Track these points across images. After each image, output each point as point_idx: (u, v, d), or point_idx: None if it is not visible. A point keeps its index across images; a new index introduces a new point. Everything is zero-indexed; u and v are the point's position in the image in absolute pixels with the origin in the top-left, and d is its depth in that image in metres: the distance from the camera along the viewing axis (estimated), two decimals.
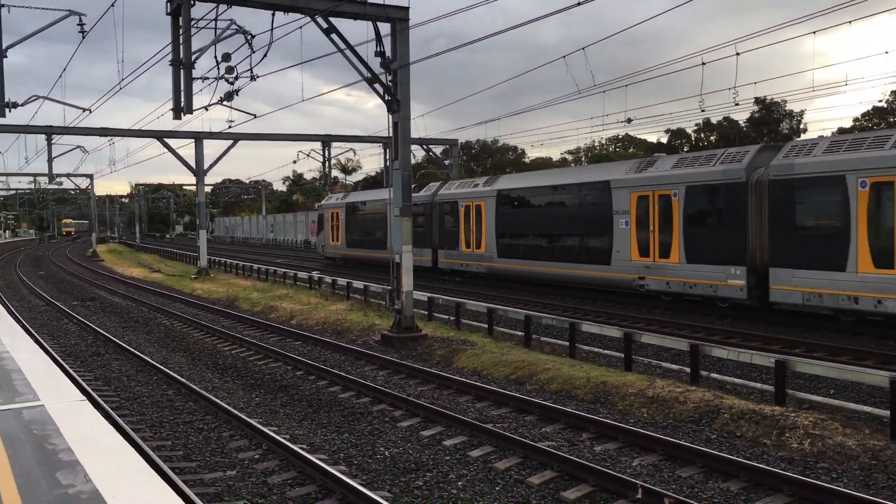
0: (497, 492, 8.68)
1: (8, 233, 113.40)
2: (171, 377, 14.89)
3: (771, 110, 65.67)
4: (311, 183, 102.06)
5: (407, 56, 17.89)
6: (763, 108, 64.42)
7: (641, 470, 9.19)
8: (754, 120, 66.88)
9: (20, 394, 8.63)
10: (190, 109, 16.24)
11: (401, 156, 18.22)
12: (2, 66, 18.48)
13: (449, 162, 50.80)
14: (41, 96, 24.72)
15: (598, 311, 22.21)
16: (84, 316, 25.24)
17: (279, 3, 16.49)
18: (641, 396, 12.08)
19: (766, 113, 65.88)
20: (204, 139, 39.79)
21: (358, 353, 17.02)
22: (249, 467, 9.70)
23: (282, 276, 34.65)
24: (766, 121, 66.51)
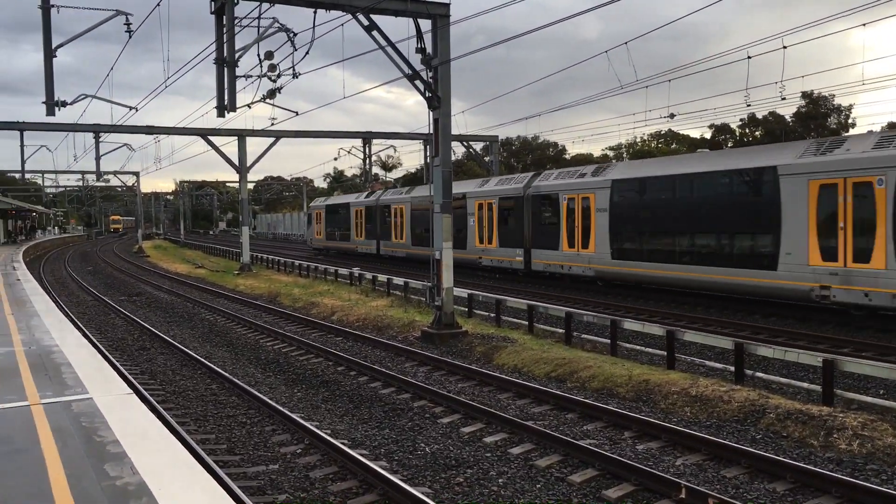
0: (538, 489, 8.64)
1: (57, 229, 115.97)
2: (215, 371, 15.10)
3: (818, 105, 64.29)
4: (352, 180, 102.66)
5: (447, 52, 17.87)
6: (810, 102, 63.09)
7: (685, 469, 9.07)
8: (801, 115, 65.56)
9: (69, 387, 8.82)
10: (233, 107, 16.42)
11: (441, 152, 18.22)
12: (52, 66, 18.92)
13: (489, 158, 50.71)
14: (89, 95, 25.23)
15: (639, 309, 21.98)
16: (130, 311, 25.71)
17: (321, 1, 16.60)
18: (684, 395, 11.92)
19: (814, 107, 64.51)
20: (247, 137, 40.27)
21: (398, 349, 17.08)
22: (292, 461, 9.79)
23: (323, 272, 34.92)
24: (814, 115, 65.14)
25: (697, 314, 20.83)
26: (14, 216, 75.62)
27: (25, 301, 18.44)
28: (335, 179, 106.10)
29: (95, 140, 39.78)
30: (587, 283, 27.63)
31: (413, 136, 46.51)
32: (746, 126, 72.51)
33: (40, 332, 13.30)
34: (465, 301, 21.79)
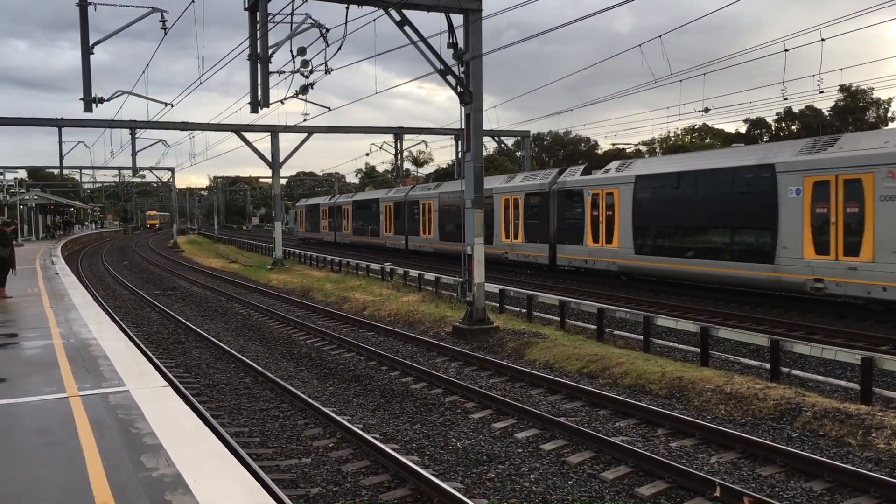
0: (570, 486, 8.59)
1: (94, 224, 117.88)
2: (249, 365, 15.24)
3: (857, 98, 63.13)
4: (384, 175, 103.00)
5: (479, 47, 17.82)
6: (848, 95, 61.97)
7: (719, 467, 8.97)
8: (839, 108, 64.42)
9: (106, 379, 8.96)
10: (267, 103, 16.54)
11: (473, 147, 18.19)
12: (89, 63, 19.21)
13: (521, 154, 50.54)
14: (125, 91, 25.58)
15: (672, 305, 21.77)
16: (166, 305, 26.06)
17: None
18: (719, 393, 11.79)
19: (852, 101, 63.35)
20: (279, 132, 40.56)
21: (430, 344, 17.10)
22: (324, 455, 9.85)
23: (354, 267, 35.08)
24: (852, 109, 63.97)
25: (732, 311, 20.58)
26: (52, 211, 77.00)
27: (64, 294, 18.77)
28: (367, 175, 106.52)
29: (131, 136, 40.33)
30: (610, 277, 27.96)
31: (444, 131, 46.48)
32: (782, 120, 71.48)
33: (78, 325, 13.53)
34: (497, 297, 21.75)
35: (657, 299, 23.17)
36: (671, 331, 16.89)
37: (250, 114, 17.60)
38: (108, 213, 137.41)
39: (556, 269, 30.76)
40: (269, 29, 16.53)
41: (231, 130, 40.07)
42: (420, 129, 48.72)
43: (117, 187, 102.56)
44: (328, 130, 42.85)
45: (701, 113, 28.71)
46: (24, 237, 57.38)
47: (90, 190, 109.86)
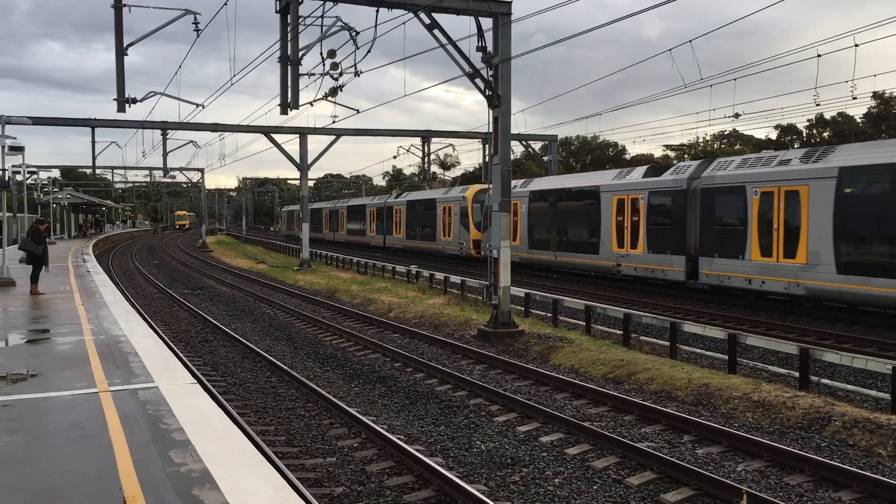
0: (594, 491, 8.56)
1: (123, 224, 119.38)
2: (275, 365, 15.35)
3: (890, 105, 62.17)
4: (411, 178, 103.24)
5: (508, 51, 17.83)
6: (881, 102, 61.06)
7: (746, 475, 8.88)
8: (871, 115, 63.50)
9: (136, 375, 9.09)
10: (296, 105, 16.68)
11: (501, 150, 18.19)
12: (123, 64, 19.50)
13: (548, 158, 50.43)
14: (158, 92, 25.92)
15: (699, 312, 21.59)
16: (194, 304, 26.32)
17: (384, 0, 16.73)
18: (746, 400, 11.67)
19: (885, 108, 62.41)
20: (308, 135, 40.82)
21: (455, 346, 17.11)
22: (349, 455, 9.90)
23: (380, 269, 35.19)
24: (885, 116, 63.01)
25: (760, 318, 20.37)
26: (85, 210, 78.10)
27: (95, 292, 19.04)
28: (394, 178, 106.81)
29: (163, 137, 40.83)
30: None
31: (472, 134, 46.52)
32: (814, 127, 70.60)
33: (109, 322, 13.72)
34: (522, 300, 21.72)
35: (684, 306, 22.98)
36: (698, 337, 16.76)
37: (280, 115, 17.83)
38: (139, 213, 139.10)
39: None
40: (300, 31, 16.67)
41: (260, 132, 40.43)
42: (447, 133, 48.79)
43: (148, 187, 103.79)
44: (356, 133, 43.08)
45: (731, 118, 28.45)
46: (56, 235, 58.26)
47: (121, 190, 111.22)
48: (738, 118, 28.56)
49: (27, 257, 19.11)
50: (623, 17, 14.42)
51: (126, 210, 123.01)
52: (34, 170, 49.99)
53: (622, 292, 26.41)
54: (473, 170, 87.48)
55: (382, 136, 46.32)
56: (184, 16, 19.26)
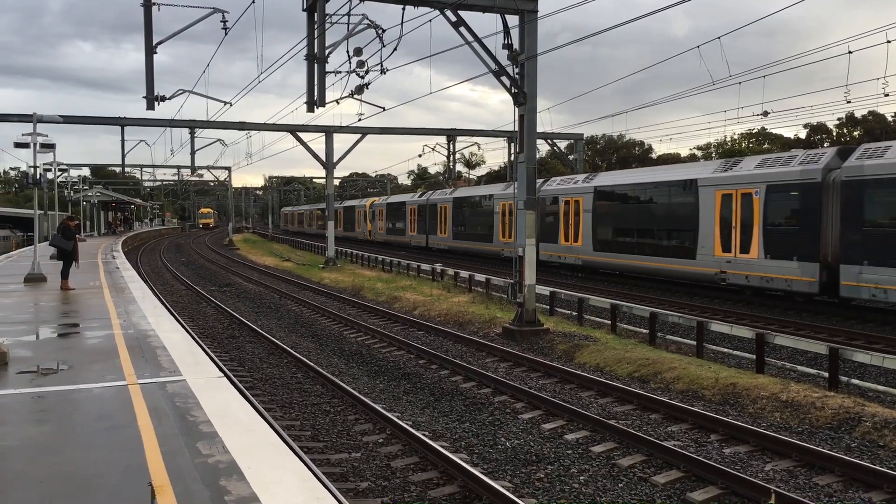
0: (620, 489, 8.51)
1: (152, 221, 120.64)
2: (301, 361, 15.44)
3: None
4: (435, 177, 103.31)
5: (534, 48, 17.78)
6: None
7: (774, 475, 8.78)
8: None
9: (164, 368, 9.18)
10: (323, 102, 16.75)
11: (526, 148, 18.14)
12: (152, 62, 19.71)
13: (574, 157, 50.23)
14: (186, 90, 26.18)
15: (725, 311, 21.39)
16: (221, 300, 26.55)
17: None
18: (774, 400, 11.54)
19: None
20: (334, 133, 41.00)
21: (479, 344, 17.10)
22: (374, 451, 9.93)
23: (405, 267, 35.25)
24: None
25: (789, 318, 20.13)
26: (114, 208, 79.06)
27: (124, 288, 19.26)
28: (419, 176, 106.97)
29: (191, 135, 41.20)
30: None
31: (497, 133, 46.46)
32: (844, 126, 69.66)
33: (137, 316, 13.87)
34: (547, 299, 21.65)
35: (711, 305, 22.77)
36: (725, 336, 16.62)
37: (306, 113, 17.88)
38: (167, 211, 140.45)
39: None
40: (327, 29, 16.74)
41: (287, 130, 40.67)
42: (473, 131, 48.78)
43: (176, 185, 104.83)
44: (382, 131, 43.18)
45: (760, 116, 28.15)
46: (86, 233, 59.04)
47: (150, 188, 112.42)
48: (767, 116, 28.25)
49: (57, 253, 19.37)
50: (649, 14, 14.32)
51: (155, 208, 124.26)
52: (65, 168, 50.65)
53: (648, 291, 26.21)
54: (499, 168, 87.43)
55: (408, 135, 46.47)
56: (212, 14, 19.45)
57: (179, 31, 20.12)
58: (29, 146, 21.37)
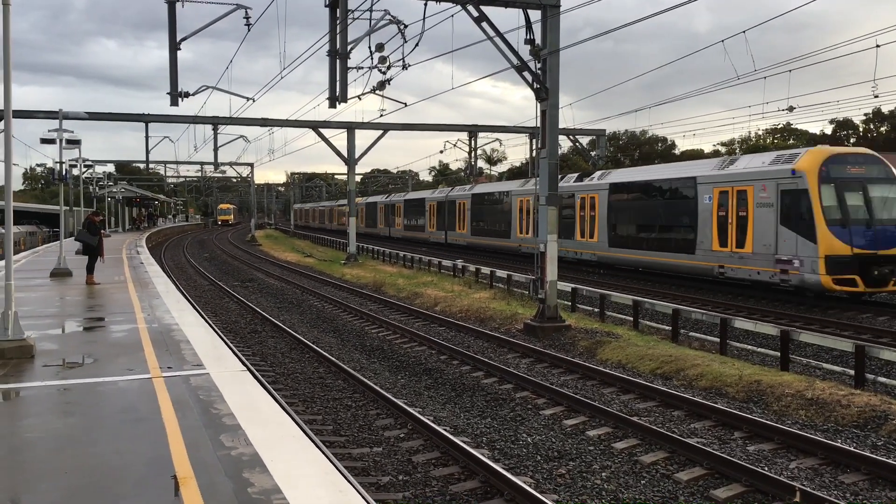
0: (642, 485, 8.46)
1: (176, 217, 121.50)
2: (322, 356, 15.50)
3: None
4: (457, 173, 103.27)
5: (557, 43, 17.69)
6: None
7: (799, 473, 8.69)
8: None
9: (187, 362, 9.25)
10: (345, 98, 16.80)
11: (548, 144, 18.07)
12: (176, 58, 19.86)
13: (596, 153, 49.99)
14: (210, 86, 26.31)
15: (750, 308, 21.18)
16: (243, 295, 26.72)
17: None
18: (799, 398, 11.42)
19: None
20: (355, 129, 41.07)
21: (501, 340, 17.07)
22: (395, 445, 9.94)
23: (426, 263, 35.27)
24: None
25: (814, 315, 19.90)
26: (138, 204, 79.80)
27: (148, 282, 19.45)
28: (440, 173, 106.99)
29: (214, 132, 41.45)
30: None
31: (519, 129, 46.31)
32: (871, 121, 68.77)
33: (161, 311, 14.00)
34: (569, 295, 21.56)
35: (734, 302, 22.57)
36: (749, 334, 16.47)
37: (328, 109, 17.96)
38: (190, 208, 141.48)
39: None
40: (349, 25, 16.77)
41: (309, 127, 40.80)
42: (495, 127, 48.69)
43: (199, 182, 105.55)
44: (403, 127, 43.18)
45: (785, 111, 27.81)
46: (111, 229, 59.64)
47: (173, 184, 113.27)
48: (793, 111, 27.91)
49: (83, 248, 19.58)
50: (671, 8, 14.21)
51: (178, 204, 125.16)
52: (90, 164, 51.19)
53: (671, 288, 26.03)
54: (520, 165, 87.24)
55: (429, 131, 46.44)
56: (235, 10, 19.55)
57: (203, 27, 20.28)
58: (55, 142, 21.63)
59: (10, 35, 9.90)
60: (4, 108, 10.17)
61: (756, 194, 22.05)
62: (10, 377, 8.59)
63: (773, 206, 21.42)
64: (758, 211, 22.00)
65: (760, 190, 21.92)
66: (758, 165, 22.58)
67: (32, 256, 31.66)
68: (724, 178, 23.48)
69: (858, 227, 20.36)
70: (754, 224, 22.12)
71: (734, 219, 22.82)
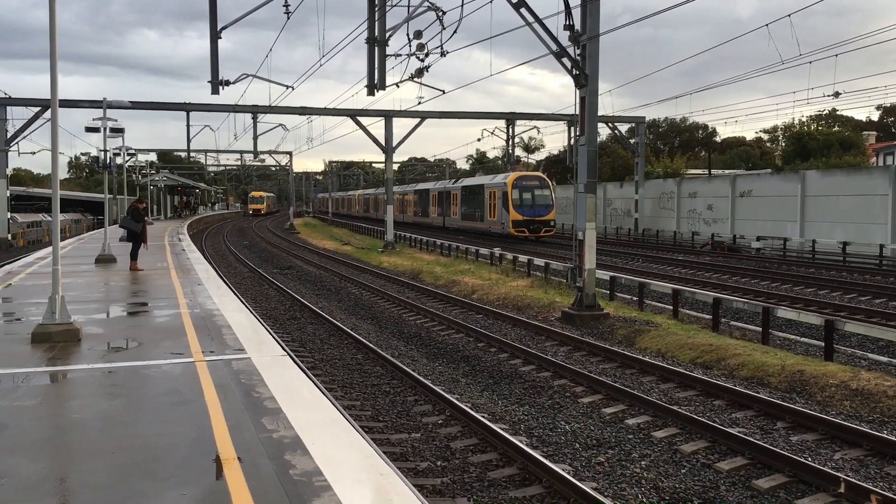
0: (682, 474, 8.39)
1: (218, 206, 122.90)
2: (361, 342, 15.60)
3: None
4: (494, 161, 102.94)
5: (596, 28, 17.50)
6: None
7: (844, 464, 8.54)
8: None
9: (229, 346, 9.37)
10: (383, 85, 16.83)
11: (587, 131, 17.91)
12: (217, 47, 20.06)
13: (635, 140, 49.45)
14: (250, 74, 26.55)
15: (793, 297, 20.84)
16: (282, 282, 26.99)
17: None
18: (844, 388, 11.22)
19: None
20: (393, 117, 41.14)
21: (538, 328, 17.02)
22: (433, 431, 9.98)
23: (464, 251, 35.27)
24: None
25: (860, 305, 19.52)
26: (180, 192, 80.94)
27: (190, 269, 19.73)
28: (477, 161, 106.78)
29: (253, 120, 41.86)
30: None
31: (557, 116, 46.01)
32: None
33: (203, 297, 14.20)
34: (607, 284, 21.41)
35: (778, 291, 22.23)
36: (791, 323, 16.22)
37: (366, 97, 18.08)
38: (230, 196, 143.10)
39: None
40: (387, 12, 16.77)
41: (347, 115, 40.99)
42: (532, 115, 48.43)
43: (239, 170, 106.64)
44: (441, 115, 43.15)
45: (831, 97, 27.24)
46: (153, 217, 60.60)
47: (214, 173, 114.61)
48: (839, 97, 27.33)
49: (127, 235, 19.93)
50: None
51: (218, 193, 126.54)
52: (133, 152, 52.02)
53: (711, 277, 25.72)
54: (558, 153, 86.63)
55: (467, 119, 46.35)
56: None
57: (243, 15, 20.41)
58: (99, 130, 21.99)
59: (56, 28, 10.07)
60: (51, 99, 10.36)
61: (497, 193, 45.76)
62: (58, 360, 8.79)
63: (500, 198, 45.13)
64: (496, 201, 45.98)
65: (497, 191, 45.74)
66: (498, 180, 46.82)
67: (78, 243, 32.33)
68: (489, 186, 47.38)
69: (526, 208, 44.00)
70: (496, 207, 45.83)
71: (490, 204, 46.67)
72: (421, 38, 18.65)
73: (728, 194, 41.49)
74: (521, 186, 43.89)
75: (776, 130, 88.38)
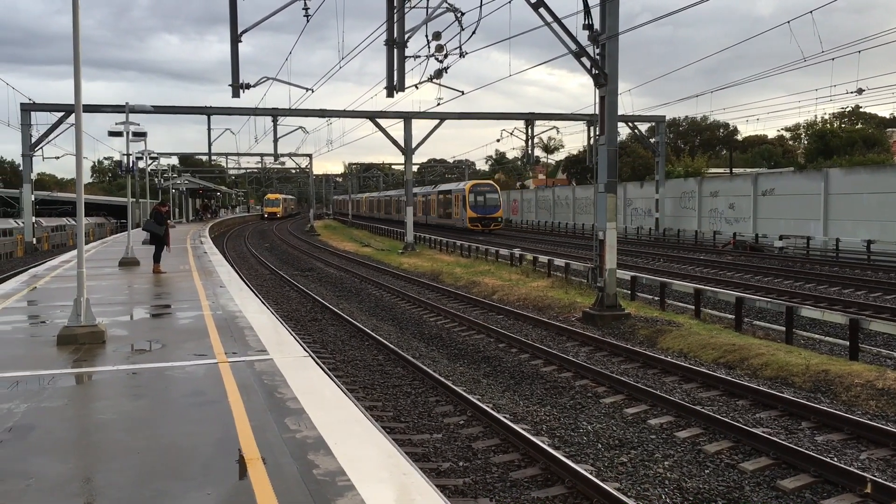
0: (706, 474, 8.33)
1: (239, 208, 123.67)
2: (382, 343, 15.63)
3: None
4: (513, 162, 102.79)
5: (616, 27, 17.43)
6: None
7: (870, 464, 8.45)
8: None
9: (251, 348, 9.43)
10: (402, 87, 16.86)
11: (607, 131, 17.84)
12: (237, 50, 20.19)
13: (655, 140, 49.18)
14: (270, 77, 26.68)
15: (818, 297, 20.63)
16: (303, 284, 27.11)
17: None
18: (869, 388, 11.09)
19: None
20: (412, 119, 41.21)
21: (559, 328, 16.97)
22: (455, 432, 9.98)
23: (484, 252, 35.24)
24: None
25: (885, 303, 19.29)
26: (201, 195, 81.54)
27: (212, 271, 19.87)
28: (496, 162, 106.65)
29: (273, 123, 42.08)
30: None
31: (576, 116, 45.87)
32: None
33: (225, 298, 14.29)
34: (628, 284, 21.31)
35: (801, 290, 22.02)
36: (815, 322, 16.06)
37: (385, 99, 18.12)
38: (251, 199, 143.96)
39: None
40: (406, 13, 16.80)
41: (366, 117, 41.10)
42: (551, 115, 48.29)
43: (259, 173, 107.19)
44: (460, 116, 43.16)
45: (854, 94, 26.94)
46: (175, 220, 61.07)
47: (234, 176, 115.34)
48: (862, 94, 27.03)
49: (150, 238, 20.09)
50: None
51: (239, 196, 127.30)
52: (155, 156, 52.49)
53: (734, 276, 25.52)
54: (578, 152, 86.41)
55: (486, 120, 46.33)
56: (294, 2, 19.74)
57: (263, 18, 20.52)
58: (122, 134, 22.20)
59: (79, 33, 10.18)
60: (75, 104, 10.47)
61: (460, 196, 58.18)
62: (83, 361, 8.88)
63: (461, 200, 57.98)
64: (459, 203, 58.42)
65: (460, 195, 58.47)
66: (460, 187, 59.75)
67: (101, 247, 32.66)
68: (455, 191, 60.35)
69: (479, 207, 56.81)
70: (458, 207, 58.42)
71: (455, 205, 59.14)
72: (440, 40, 18.67)
73: (750, 193, 41.15)
74: (476, 191, 57.66)
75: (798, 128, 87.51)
